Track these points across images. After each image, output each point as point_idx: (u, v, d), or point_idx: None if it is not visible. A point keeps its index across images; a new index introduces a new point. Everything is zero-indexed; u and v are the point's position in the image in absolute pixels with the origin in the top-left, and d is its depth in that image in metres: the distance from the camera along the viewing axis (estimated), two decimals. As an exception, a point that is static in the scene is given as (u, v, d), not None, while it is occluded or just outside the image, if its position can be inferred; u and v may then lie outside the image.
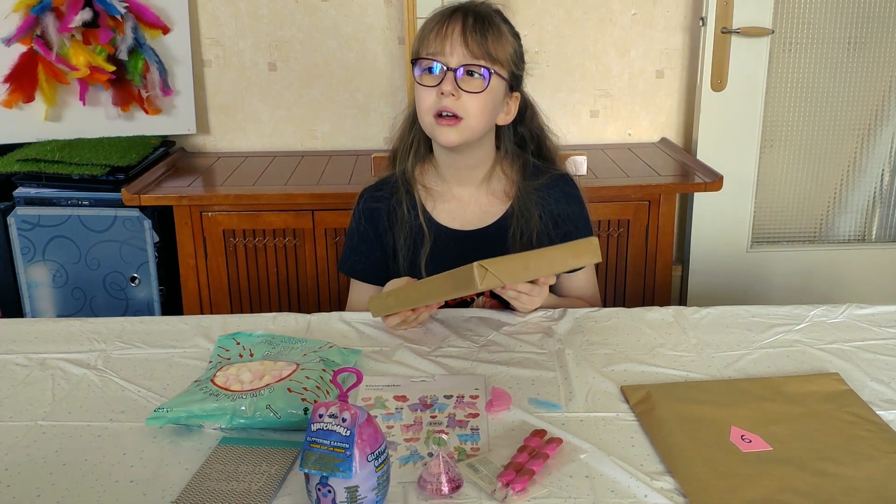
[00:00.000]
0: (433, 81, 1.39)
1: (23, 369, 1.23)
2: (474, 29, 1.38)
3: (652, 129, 2.73)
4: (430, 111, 1.40)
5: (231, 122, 2.68)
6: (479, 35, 1.38)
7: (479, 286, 1.15)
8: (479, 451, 1.01)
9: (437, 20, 1.41)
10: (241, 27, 2.59)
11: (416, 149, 1.52)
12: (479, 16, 1.40)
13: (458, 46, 1.38)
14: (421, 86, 1.41)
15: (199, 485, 0.94)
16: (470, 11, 1.40)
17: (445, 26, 1.39)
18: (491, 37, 1.39)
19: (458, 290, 1.20)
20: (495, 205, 1.51)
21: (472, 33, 1.38)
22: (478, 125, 1.41)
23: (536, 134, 1.55)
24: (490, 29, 1.39)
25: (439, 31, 1.39)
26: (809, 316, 1.38)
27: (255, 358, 1.21)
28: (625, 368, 1.21)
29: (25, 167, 2.30)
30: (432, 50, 1.39)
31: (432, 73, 1.39)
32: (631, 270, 2.34)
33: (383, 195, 1.52)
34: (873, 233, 2.78)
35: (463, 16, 1.39)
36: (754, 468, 0.96)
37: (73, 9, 2.36)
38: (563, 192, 1.52)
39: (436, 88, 1.38)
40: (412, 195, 1.50)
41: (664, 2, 2.61)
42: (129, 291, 2.35)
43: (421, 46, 1.42)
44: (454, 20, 1.39)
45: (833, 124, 2.65)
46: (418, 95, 1.42)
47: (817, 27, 2.56)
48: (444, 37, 1.38)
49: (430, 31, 1.41)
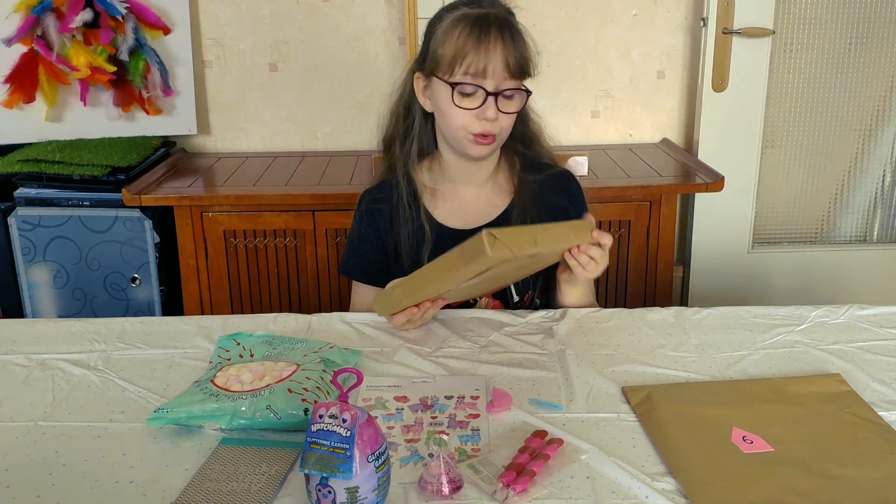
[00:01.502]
0: (472, 104, 1.36)
1: (23, 370, 1.23)
2: (514, 49, 1.34)
3: (653, 129, 2.73)
4: (464, 129, 1.38)
5: (232, 123, 2.68)
6: (517, 54, 1.35)
7: (489, 253, 1.11)
8: (479, 452, 1.00)
9: (472, 34, 1.34)
10: (242, 28, 2.59)
11: (419, 147, 1.49)
12: (513, 30, 1.36)
13: (501, 69, 1.34)
14: (457, 107, 1.37)
15: (199, 485, 0.93)
16: (504, 25, 1.35)
17: (486, 44, 1.33)
18: (526, 53, 1.37)
19: (467, 263, 1.16)
20: (497, 201, 1.51)
21: (511, 54, 1.34)
22: (506, 137, 1.43)
23: (532, 133, 1.54)
24: (524, 45, 1.37)
25: (477, 49, 1.33)
26: (811, 317, 1.37)
27: (256, 358, 1.21)
28: (626, 369, 1.21)
29: (26, 168, 2.30)
30: (473, 71, 1.34)
31: (470, 97, 1.36)
32: (632, 271, 2.34)
33: (384, 196, 1.51)
34: (875, 233, 2.78)
35: (498, 30, 1.34)
36: (756, 469, 0.96)
37: (74, 9, 2.36)
38: (564, 189, 1.52)
39: (475, 111, 1.36)
40: (413, 195, 1.48)
41: (665, 2, 2.61)
42: (129, 292, 2.35)
43: (456, 64, 1.35)
44: (492, 37, 1.33)
45: (834, 125, 2.65)
46: (452, 112, 1.37)
47: (818, 28, 2.56)
48: (485, 57, 1.33)
49: (463, 45, 1.34)
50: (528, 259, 1.25)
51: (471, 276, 1.23)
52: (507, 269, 1.26)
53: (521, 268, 1.32)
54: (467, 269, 1.19)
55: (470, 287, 1.32)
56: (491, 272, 1.23)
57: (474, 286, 1.33)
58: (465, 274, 1.21)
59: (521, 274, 1.41)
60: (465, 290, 1.37)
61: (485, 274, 1.23)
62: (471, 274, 1.21)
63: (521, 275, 1.43)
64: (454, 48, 1.35)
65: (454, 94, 1.36)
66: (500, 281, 1.42)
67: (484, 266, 1.17)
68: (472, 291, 1.43)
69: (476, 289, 1.40)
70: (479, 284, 1.31)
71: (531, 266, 1.36)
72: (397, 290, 1.31)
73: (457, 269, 1.19)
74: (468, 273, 1.20)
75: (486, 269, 1.19)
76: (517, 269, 1.32)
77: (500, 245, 1.13)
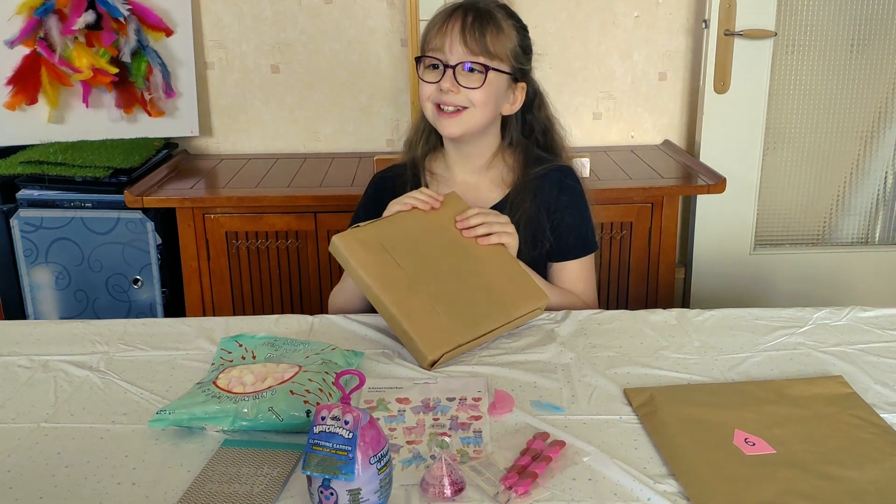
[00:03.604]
0: (434, 78, 1.46)
1: (25, 371, 1.23)
2: (472, 27, 1.43)
3: (655, 131, 2.73)
4: (429, 99, 1.47)
5: (234, 125, 2.69)
6: (477, 33, 1.43)
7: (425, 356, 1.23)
8: (481, 454, 1.00)
9: (440, 19, 1.47)
10: (244, 29, 2.60)
11: (427, 137, 1.58)
12: (479, 13, 1.45)
13: (458, 45, 1.44)
14: (422, 80, 1.48)
15: (201, 487, 0.93)
16: (470, 9, 1.45)
17: (446, 24, 1.45)
18: (490, 34, 1.44)
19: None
20: (493, 192, 1.55)
21: (470, 31, 1.43)
22: (480, 116, 1.47)
23: (544, 123, 1.60)
24: (489, 26, 1.44)
25: (440, 29, 1.45)
26: (813, 318, 1.37)
27: (258, 360, 1.21)
28: (628, 371, 1.21)
29: (28, 169, 2.30)
30: (433, 47, 1.46)
31: (434, 70, 1.46)
32: (634, 273, 2.33)
33: (393, 175, 1.60)
34: (877, 235, 2.77)
35: (463, 13, 1.45)
36: (758, 471, 0.96)
37: (76, 11, 2.36)
38: (559, 182, 1.53)
39: (436, 84, 1.45)
40: (418, 179, 1.56)
41: (667, 4, 2.61)
42: (131, 293, 2.35)
43: (424, 44, 1.49)
44: (454, 18, 1.45)
45: (836, 126, 2.65)
46: (420, 88, 1.49)
47: (820, 29, 2.56)
48: (444, 35, 1.45)
49: (431, 29, 1.47)
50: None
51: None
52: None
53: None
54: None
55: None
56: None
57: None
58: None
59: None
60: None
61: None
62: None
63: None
64: (425, 31, 1.49)
65: (419, 67, 1.49)
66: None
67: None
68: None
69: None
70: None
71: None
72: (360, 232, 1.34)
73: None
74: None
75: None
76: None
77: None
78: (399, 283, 1.29)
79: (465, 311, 1.28)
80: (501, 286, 1.35)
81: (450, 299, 1.29)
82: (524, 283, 1.38)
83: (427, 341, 1.22)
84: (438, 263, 1.34)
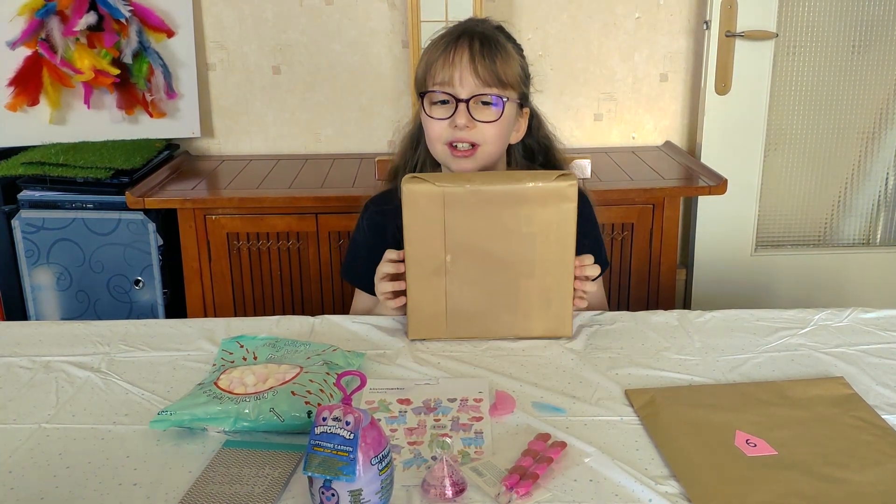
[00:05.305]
0: (444, 114, 1.35)
1: (27, 372, 1.23)
2: (482, 55, 1.33)
3: (656, 132, 2.73)
4: (440, 140, 1.37)
5: (235, 126, 2.69)
6: (487, 60, 1.33)
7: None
8: (482, 455, 1.00)
9: (442, 47, 1.35)
10: (246, 31, 2.60)
11: (423, 169, 1.46)
12: (485, 38, 1.35)
13: (468, 76, 1.33)
14: (431, 118, 1.36)
15: (202, 488, 0.94)
16: (475, 35, 1.35)
17: (452, 54, 1.34)
18: (500, 60, 1.34)
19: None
20: None
21: (480, 60, 1.33)
22: (494, 151, 1.39)
23: (544, 144, 1.53)
24: (498, 52, 1.35)
25: (446, 59, 1.34)
26: (814, 320, 1.37)
27: (259, 361, 1.21)
28: (629, 372, 1.21)
29: (30, 170, 2.30)
30: (440, 81, 1.34)
31: (443, 106, 1.35)
32: (635, 274, 2.33)
33: (388, 210, 1.46)
34: (878, 236, 2.77)
35: (469, 40, 1.34)
36: (759, 472, 0.95)
37: (78, 12, 2.36)
38: None
39: (448, 121, 1.34)
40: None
41: (668, 5, 2.61)
42: (132, 294, 2.35)
43: (427, 77, 1.36)
44: (460, 46, 1.34)
45: (837, 128, 2.65)
46: (428, 125, 1.37)
47: (821, 31, 2.56)
48: (451, 66, 1.33)
49: (435, 59, 1.35)
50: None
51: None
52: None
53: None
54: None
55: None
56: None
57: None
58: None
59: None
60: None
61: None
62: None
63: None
64: (426, 62, 1.37)
65: (426, 103, 1.36)
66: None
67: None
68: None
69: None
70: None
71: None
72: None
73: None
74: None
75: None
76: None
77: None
78: (428, 264, 1.26)
79: (477, 311, 1.29)
80: (532, 300, 1.28)
81: (469, 298, 1.28)
82: (561, 311, 1.30)
83: (416, 324, 1.30)
84: (486, 255, 1.26)
